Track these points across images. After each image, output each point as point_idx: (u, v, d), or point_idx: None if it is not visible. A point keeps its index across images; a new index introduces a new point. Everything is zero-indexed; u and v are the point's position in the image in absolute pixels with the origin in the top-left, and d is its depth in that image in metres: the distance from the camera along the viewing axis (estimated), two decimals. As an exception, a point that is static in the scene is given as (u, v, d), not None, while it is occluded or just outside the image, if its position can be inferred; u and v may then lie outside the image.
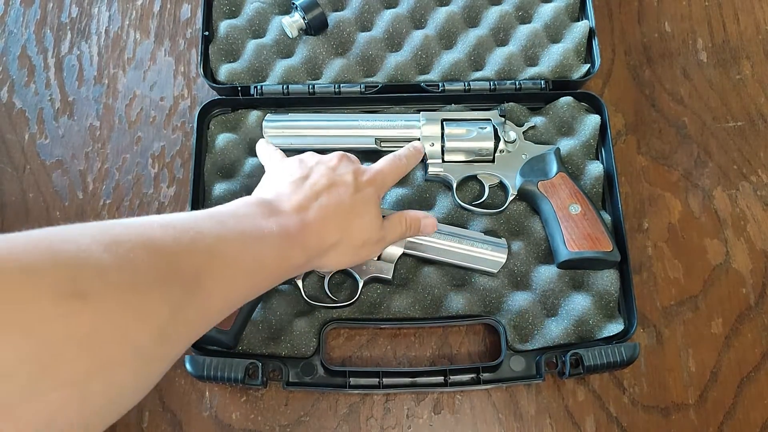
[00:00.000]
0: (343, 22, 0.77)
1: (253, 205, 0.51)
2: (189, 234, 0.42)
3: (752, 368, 0.68)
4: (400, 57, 0.76)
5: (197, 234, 0.43)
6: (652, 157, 0.77)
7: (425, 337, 0.69)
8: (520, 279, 0.69)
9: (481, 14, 0.79)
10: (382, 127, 0.72)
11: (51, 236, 0.34)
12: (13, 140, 0.78)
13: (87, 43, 0.82)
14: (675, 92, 0.80)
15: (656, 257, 0.72)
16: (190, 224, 0.43)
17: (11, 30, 0.83)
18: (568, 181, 0.69)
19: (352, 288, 0.68)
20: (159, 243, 0.39)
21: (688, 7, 0.84)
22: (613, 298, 0.67)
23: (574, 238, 0.66)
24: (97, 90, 0.80)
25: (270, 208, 0.52)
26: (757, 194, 0.75)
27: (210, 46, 0.76)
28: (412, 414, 0.66)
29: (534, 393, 0.67)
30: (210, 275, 0.42)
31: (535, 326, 0.66)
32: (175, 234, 0.41)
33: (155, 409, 0.66)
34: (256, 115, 0.74)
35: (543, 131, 0.74)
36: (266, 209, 0.51)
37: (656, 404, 0.67)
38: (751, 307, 0.70)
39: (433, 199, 0.72)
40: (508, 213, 0.71)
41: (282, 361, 0.64)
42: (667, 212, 0.74)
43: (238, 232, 0.46)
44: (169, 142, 0.77)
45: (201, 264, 0.42)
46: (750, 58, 0.81)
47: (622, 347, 0.63)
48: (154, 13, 0.84)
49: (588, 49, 0.77)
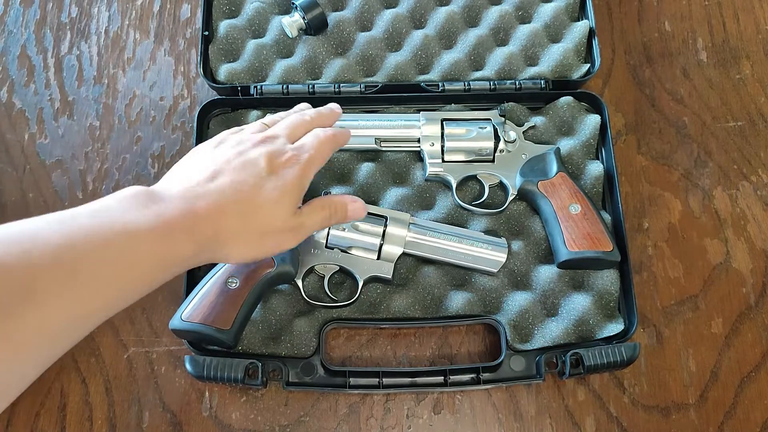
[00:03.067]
0: (343, 21, 0.77)
1: (130, 196, 0.46)
2: (21, 245, 0.38)
3: (752, 368, 0.68)
4: (400, 57, 0.76)
5: (32, 243, 0.39)
6: (652, 157, 0.77)
7: (425, 337, 0.69)
8: (520, 279, 0.69)
9: (481, 14, 0.79)
10: (381, 127, 0.72)
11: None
12: (13, 140, 0.77)
13: (87, 43, 0.82)
14: (675, 92, 0.80)
15: (656, 257, 0.72)
16: (30, 232, 0.40)
17: (11, 30, 0.83)
18: (568, 180, 0.69)
19: (352, 288, 0.68)
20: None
21: (688, 7, 0.84)
22: (613, 297, 0.67)
23: (574, 238, 0.66)
24: (96, 90, 0.80)
25: (149, 197, 0.47)
26: (757, 194, 0.75)
27: (210, 46, 0.76)
28: (412, 414, 0.66)
29: (534, 393, 0.67)
30: (48, 286, 0.38)
31: (535, 326, 0.66)
32: (1, 247, 0.37)
33: (155, 409, 0.66)
34: (256, 115, 0.74)
35: (543, 131, 0.74)
36: (144, 198, 0.46)
37: (656, 404, 0.67)
38: (751, 306, 0.70)
39: (433, 199, 0.72)
40: (508, 213, 0.71)
41: (282, 361, 0.64)
42: (667, 212, 0.74)
43: (93, 232, 0.41)
44: (169, 142, 0.77)
45: (33, 276, 0.38)
46: (750, 58, 0.81)
47: (622, 347, 0.62)
48: (154, 13, 0.84)
49: (588, 49, 0.77)
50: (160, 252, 0.45)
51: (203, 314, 0.60)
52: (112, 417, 0.66)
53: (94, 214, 0.43)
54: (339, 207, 0.58)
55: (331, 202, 0.58)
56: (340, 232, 0.65)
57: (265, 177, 0.51)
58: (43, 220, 0.41)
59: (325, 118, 0.61)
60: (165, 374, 0.67)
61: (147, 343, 0.68)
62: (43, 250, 0.39)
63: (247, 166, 0.51)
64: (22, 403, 0.66)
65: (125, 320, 0.69)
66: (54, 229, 0.40)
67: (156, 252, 0.45)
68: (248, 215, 0.50)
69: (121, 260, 0.43)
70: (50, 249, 0.39)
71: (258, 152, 0.53)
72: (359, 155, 0.73)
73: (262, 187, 0.51)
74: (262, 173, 0.51)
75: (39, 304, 0.38)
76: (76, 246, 0.40)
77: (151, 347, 0.68)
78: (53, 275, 0.39)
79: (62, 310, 0.39)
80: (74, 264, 0.40)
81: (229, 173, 0.51)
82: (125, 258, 0.43)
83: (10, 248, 0.38)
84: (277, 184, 0.52)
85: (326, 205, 0.57)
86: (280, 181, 0.52)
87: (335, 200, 0.58)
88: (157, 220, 0.45)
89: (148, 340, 0.68)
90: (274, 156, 0.53)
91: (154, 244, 0.44)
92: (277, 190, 0.51)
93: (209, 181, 0.50)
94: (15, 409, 0.66)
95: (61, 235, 0.40)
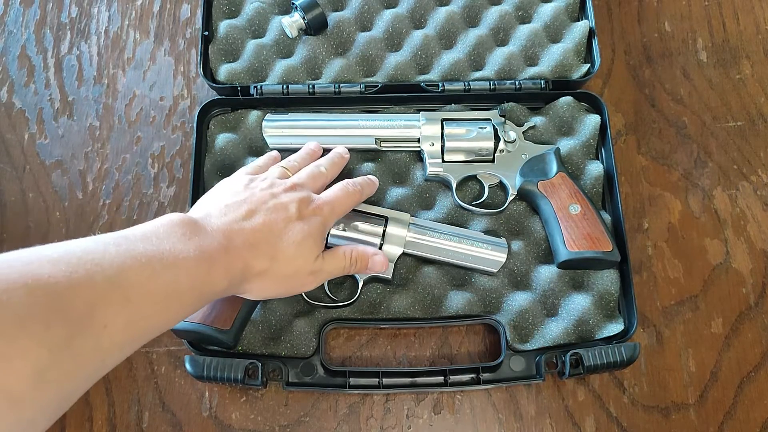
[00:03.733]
0: (343, 22, 0.77)
1: (176, 224, 0.49)
2: (84, 267, 0.40)
3: (752, 368, 0.68)
4: (399, 57, 0.76)
5: (95, 266, 0.41)
6: (652, 157, 0.77)
7: (425, 337, 0.69)
8: (520, 279, 0.69)
9: (481, 14, 0.79)
10: (381, 127, 0.72)
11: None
12: (12, 140, 0.77)
13: (87, 43, 0.82)
14: (675, 92, 0.80)
15: (656, 257, 0.72)
16: (90, 255, 0.41)
17: (11, 30, 0.83)
18: (567, 181, 0.69)
19: (352, 288, 0.68)
20: (44, 281, 0.38)
21: (688, 7, 0.84)
22: (613, 298, 0.67)
23: (573, 238, 0.66)
24: (96, 90, 0.80)
25: (193, 228, 0.49)
26: (757, 194, 0.75)
27: (210, 46, 0.76)
28: (412, 414, 0.66)
29: (534, 393, 0.67)
30: (107, 309, 0.40)
31: (535, 326, 0.66)
32: (67, 269, 0.39)
33: (155, 409, 0.66)
34: (256, 115, 0.74)
35: (543, 131, 0.74)
36: (189, 229, 0.49)
37: (656, 404, 0.67)
38: (751, 306, 0.70)
39: (433, 199, 0.72)
40: (508, 213, 0.71)
41: (282, 361, 0.64)
42: (667, 212, 0.74)
43: (147, 258, 0.44)
44: (169, 142, 0.77)
45: (96, 298, 0.40)
46: (750, 58, 0.81)
47: (622, 347, 0.62)
48: (154, 13, 0.84)
49: (588, 49, 0.77)
50: (199, 283, 0.47)
51: (203, 314, 0.60)
52: (112, 417, 0.66)
53: (144, 240, 0.46)
54: (360, 258, 0.62)
55: (354, 252, 0.61)
56: (340, 232, 0.65)
57: (294, 221, 0.55)
58: (100, 242, 0.43)
59: (338, 167, 0.67)
60: (165, 374, 0.67)
61: (147, 344, 0.68)
62: (103, 275, 0.41)
63: (279, 210, 0.55)
64: (22, 403, 0.66)
65: (125, 320, 0.69)
66: (112, 252, 0.42)
67: (196, 283, 0.47)
68: (275, 256, 0.53)
69: (169, 287, 0.45)
70: (109, 274, 0.41)
71: (289, 198, 0.57)
72: (359, 155, 0.73)
73: (290, 230, 0.54)
74: (292, 218, 0.55)
75: (97, 326, 0.40)
76: (130, 273, 0.43)
77: (151, 347, 0.68)
78: (110, 299, 0.41)
79: (115, 333, 0.41)
80: (128, 291, 0.42)
81: (263, 214, 0.54)
82: (171, 286, 0.45)
83: (77, 269, 0.40)
84: (303, 228, 0.55)
85: (349, 254, 0.61)
86: (306, 226, 0.55)
87: (359, 251, 0.62)
88: (199, 254, 0.48)
89: (148, 340, 0.68)
90: (303, 204, 0.57)
91: (197, 276, 0.47)
92: (302, 233, 0.55)
93: (245, 219, 0.53)
94: (15, 409, 0.66)
95: (118, 260, 0.42)
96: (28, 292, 0.37)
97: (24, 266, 0.38)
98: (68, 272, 0.39)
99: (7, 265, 0.38)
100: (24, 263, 0.38)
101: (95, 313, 0.40)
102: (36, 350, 0.36)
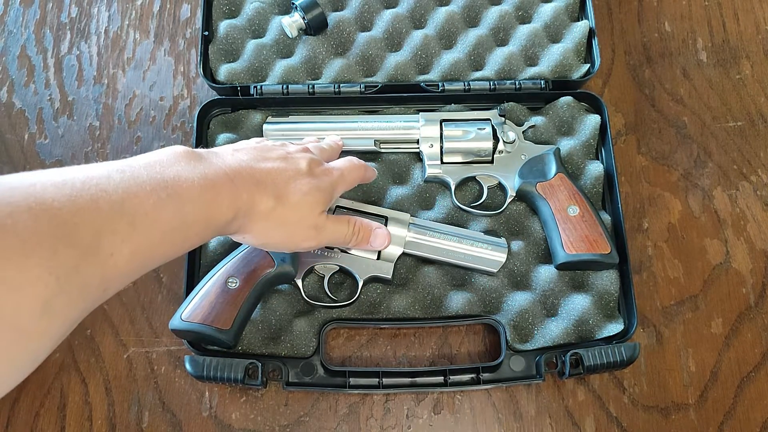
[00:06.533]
0: (342, 22, 0.77)
1: (180, 154, 0.47)
2: (89, 192, 0.39)
3: (752, 368, 0.68)
4: (399, 57, 0.76)
5: (100, 191, 0.39)
6: (652, 157, 0.77)
7: (425, 337, 0.69)
8: (520, 279, 0.69)
9: (481, 14, 0.79)
10: (381, 129, 0.72)
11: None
12: (12, 140, 0.77)
13: (86, 43, 0.82)
14: (675, 92, 0.80)
15: (656, 257, 0.72)
16: (94, 180, 0.40)
17: (11, 30, 0.83)
18: (566, 182, 0.69)
19: (351, 288, 0.68)
20: (49, 204, 0.36)
21: (688, 7, 0.84)
22: (613, 298, 0.67)
23: (571, 241, 0.66)
24: (96, 90, 0.80)
25: (197, 158, 0.48)
26: (757, 194, 0.75)
27: (210, 46, 0.76)
28: (412, 414, 0.66)
29: (534, 393, 0.67)
30: (114, 236, 0.39)
31: (535, 326, 0.66)
32: (71, 193, 0.38)
33: (155, 409, 0.66)
34: (256, 115, 0.74)
35: (543, 131, 0.74)
36: (194, 158, 0.48)
37: (656, 404, 0.67)
38: (751, 307, 0.70)
39: (433, 200, 0.72)
40: (507, 213, 0.71)
41: (282, 361, 0.64)
42: (667, 212, 0.74)
43: (152, 185, 0.43)
44: (169, 142, 0.77)
45: (102, 224, 0.39)
46: (750, 58, 0.81)
47: (622, 347, 0.62)
48: (154, 13, 0.84)
49: (588, 49, 0.77)
50: (204, 212, 0.46)
51: (203, 314, 0.60)
52: (112, 417, 0.66)
53: (148, 168, 0.44)
54: (363, 230, 0.62)
55: (357, 223, 0.61)
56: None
57: (303, 174, 0.55)
58: (103, 168, 0.42)
59: (336, 152, 0.68)
60: (165, 374, 0.67)
61: (147, 343, 0.68)
62: (108, 200, 0.40)
63: (290, 161, 0.55)
64: (22, 402, 0.66)
65: (125, 320, 0.69)
66: (116, 179, 0.41)
67: (201, 212, 0.46)
68: (280, 198, 0.52)
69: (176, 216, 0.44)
70: (114, 199, 0.40)
71: (301, 155, 0.57)
72: (359, 156, 0.73)
73: (298, 180, 0.54)
74: (302, 172, 0.55)
75: (104, 254, 0.39)
76: (135, 200, 0.41)
77: (151, 347, 0.68)
78: (116, 226, 0.40)
79: (121, 262, 0.40)
80: (134, 218, 0.41)
81: (273, 161, 0.54)
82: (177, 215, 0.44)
83: (81, 193, 0.38)
84: (311, 181, 0.55)
85: (352, 223, 0.61)
86: (315, 181, 0.55)
87: (362, 222, 0.62)
88: (205, 180, 0.47)
89: (148, 340, 0.69)
90: (314, 164, 0.57)
91: (200, 204, 0.46)
92: (309, 185, 0.55)
93: (254, 161, 0.53)
94: (15, 409, 0.66)
95: (123, 186, 0.41)
96: (33, 216, 0.35)
97: (28, 188, 0.36)
98: (72, 196, 0.38)
99: (9, 186, 0.36)
100: (27, 185, 0.37)
101: (102, 241, 0.38)
102: (45, 278, 0.35)
